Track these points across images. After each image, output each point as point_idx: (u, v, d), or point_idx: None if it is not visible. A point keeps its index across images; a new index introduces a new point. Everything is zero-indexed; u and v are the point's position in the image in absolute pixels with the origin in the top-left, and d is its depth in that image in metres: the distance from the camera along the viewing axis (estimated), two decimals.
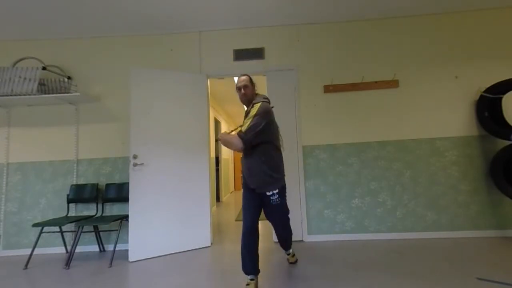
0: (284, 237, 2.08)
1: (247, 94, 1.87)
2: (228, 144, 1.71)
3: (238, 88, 1.88)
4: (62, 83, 2.86)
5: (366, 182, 2.87)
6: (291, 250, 2.21)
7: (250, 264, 1.76)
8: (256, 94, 1.92)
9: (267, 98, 1.89)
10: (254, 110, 1.73)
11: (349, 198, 2.87)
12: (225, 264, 2.27)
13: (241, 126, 1.73)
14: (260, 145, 1.75)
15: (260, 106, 1.74)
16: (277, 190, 1.78)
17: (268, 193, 1.76)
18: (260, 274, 1.93)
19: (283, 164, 1.88)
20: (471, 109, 2.86)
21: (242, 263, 1.77)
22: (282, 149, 1.92)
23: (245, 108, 1.95)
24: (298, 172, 2.90)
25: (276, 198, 1.78)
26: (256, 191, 1.80)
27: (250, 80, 1.90)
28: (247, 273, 1.78)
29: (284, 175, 1.88)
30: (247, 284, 1.74)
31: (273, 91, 2.96)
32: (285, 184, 1.88)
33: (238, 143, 1.66)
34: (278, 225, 2.00)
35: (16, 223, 2.88)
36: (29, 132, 3.00)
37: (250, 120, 1.69)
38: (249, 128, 1.67)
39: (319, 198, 2.88)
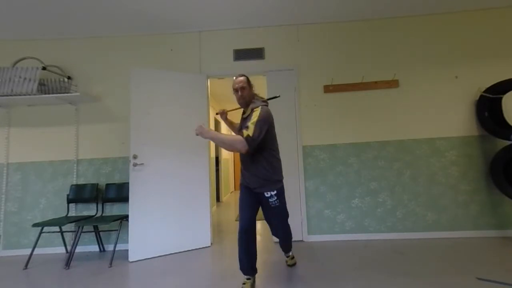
0: (284, 239, 2.05)
1: (245, 96, 1.79)
2: (230, 146, 1.64)
3: (235, 90, 1.80)
4: (62, 83, 2.86)
5: (366, 182, 2.87)
6: (290, 253, 2.19)
7: (247, 263, 1.75)
8: (255, 96, 1.87)
9: (265, 101, 1.87)
10: (255, 116, 1.66)
11: (349, 198, 2.86)
12: (225, 264, 2.27)
13: (246, 128, 1.64)
14: (262, 148, 1.73)
15: (260, 111, 1.68)
16: (275, 192, 1.77)
17: (266, 195, 1.77)
18: (259, 274, 1.94)
19: (281, 167, 1.87)
20: (471, 109, 2.86)
21: (240, 262, 1.77)
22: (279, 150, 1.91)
23: (242, 109, 1.91)
24: (298, 172, 2.90)
25: (274, 200, 1.77)
26: (255, 190, 1.81)
27: (248, 80, 1.83)
28: (244, 272, 1.77)
29: (282, 178, 1.86)
30: (243, 283, 1.74)
31: (273, 91, 2.95)
32: (283, 187, 1.86)
33: (243, 147, 1.60)
34: (278, 227, 1.98)
35: (16, 223, 2.88)
36: (29, 132, 3.00)
37: (253, 125, 1.63)
38: (255, 135, 1.61)
39: (319, 198, 2.88)
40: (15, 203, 2.91)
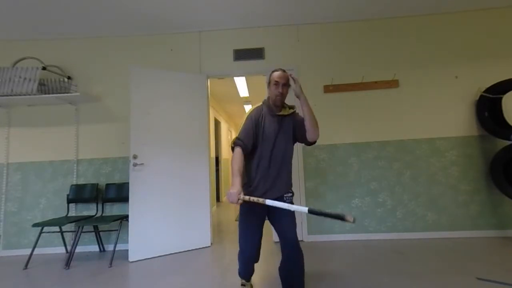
0: (301, 261, 1.60)
1: (284, 95, 1.57)
2: (316, 122, 1.58)
3: (276, 83, 1.53)
4: (62, 83, 2.86)
5: (366, 182, 2.87)
6: None
7: (248, 274, 1.69)
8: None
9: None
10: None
11: (349, 198, 2.86)
12: (225, 264, 2.27)
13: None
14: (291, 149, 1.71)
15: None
16: (292, 192, 1.72)
17: (285, 195, 1.66)
18: (259, 275, 1.94)
19: None
20: (471, 109, 2.86)
21: (242, 275, 1.69)
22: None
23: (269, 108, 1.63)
24: (298, 172, 2.90)
25: (291, 195, 1.67)
26: (278, 195, 1.61)
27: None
28: (244, 279, 1.73)
29: None
30: (243, 285, 1.72)
31: None
32: None
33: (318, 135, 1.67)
34: (292, 225, 1.58)
35: (16, 223, 2.88)
36: (29, 132, 3.00)
37: None
38: None
39: (319, 198, 2.88)
40: (15, 203, 2.91)
